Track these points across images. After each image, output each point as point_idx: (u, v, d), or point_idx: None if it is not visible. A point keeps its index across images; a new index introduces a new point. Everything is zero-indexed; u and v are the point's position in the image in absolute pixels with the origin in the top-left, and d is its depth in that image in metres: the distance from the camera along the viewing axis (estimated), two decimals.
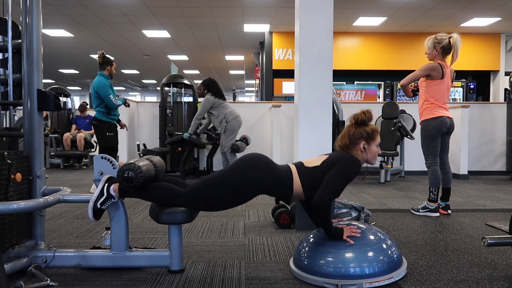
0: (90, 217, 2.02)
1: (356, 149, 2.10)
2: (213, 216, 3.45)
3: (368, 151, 2.11)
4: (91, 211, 2.01)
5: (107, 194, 2.01)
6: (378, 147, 2.15)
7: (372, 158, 2.14)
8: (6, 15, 2.19)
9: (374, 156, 2.14)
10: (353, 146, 2.11)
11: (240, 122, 5.36)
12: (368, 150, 2.11)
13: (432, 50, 3.43)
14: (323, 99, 2.99)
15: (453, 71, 3.57)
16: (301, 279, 1.98)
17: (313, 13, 2.95)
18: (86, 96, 23.67)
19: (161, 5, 7.75)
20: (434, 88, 3.40)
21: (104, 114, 4.56)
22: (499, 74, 9.98)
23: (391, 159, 5.72)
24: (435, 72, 3.37)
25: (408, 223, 3.21)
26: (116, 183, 2.03)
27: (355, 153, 2.10)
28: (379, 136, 2.15)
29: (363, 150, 2.10)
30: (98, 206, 2.01)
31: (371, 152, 2.12)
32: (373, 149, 2.12)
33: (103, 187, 2.02)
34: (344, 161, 2.03)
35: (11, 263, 1.97)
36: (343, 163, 2.02)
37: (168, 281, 1.99)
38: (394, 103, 5.90)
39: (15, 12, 2.16)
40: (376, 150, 2.13)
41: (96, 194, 2.02)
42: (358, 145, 2.10)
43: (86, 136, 7.66)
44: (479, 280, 1.98)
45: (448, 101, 3.54)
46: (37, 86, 2.13)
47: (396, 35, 9.76)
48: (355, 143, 2.10)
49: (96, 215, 2.03)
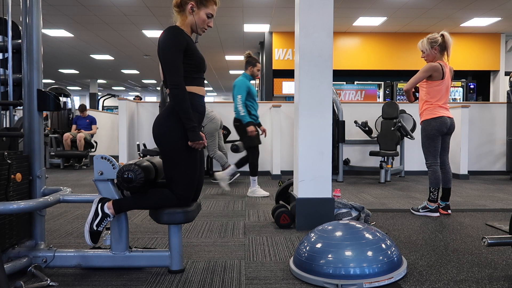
0: (87, 241, 1.99)
1: (185, 10, 2.12)
2: (213, 216, 3.45)
3: (196, 15, 2.12)
4: (88, 235, 1.99)
5: (102, 213, 2.00)
6: (209, 18, 2.15)
7: (199, 26, 2.14)
8: (6, 15, 2.19)
9: (202, 23, 2.14)
10: (184, 5, 2.12)
11: (217, 124, 5.37)
12: (196, 14, 2.12)
13: (431, 51, 3.44)
14: (323, 99, 2.99)
15: (452, 70, 3.57)
16: (301, 279, 1.98)
17: (313, 13, 2.95)
18: (86, 96, 23.68)
19: (161, 5, 7.74)
20: (436, 89, 3.40)
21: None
22: (499, 74, 9.98)
23: (391, 159, 5.72)
24: (436, 72, 3.37)
25: (408, 223, 3.21)
26: (109, 201, 2.02)
27: (184, 16, 2.12)
28: (213, 7, 2.16)
29: (191, 12, 2.11)
30: (95, 228, 1.99)
31: (199, 17, 2.12)
32: (202, 16, 2.13)
33: (97, 207, 2.01)
34: (161, 39, 2.05)
35: (11, 263, 1.97)
36: (161, 38, 2.05)
37: (168, 281, 1.99)
38: (394, 103, 5.90)
39: (15, 12, 2.16)
40: (204, 18, 2.14)
41: (90, 216, 2.01)
42: (187, 5, 2.11)
43: (86, 136, 7.67)
44: (479, 280, 1.98)
45: (449, 101, 3.54)
46: (37, 86, 2.13)
47: (396, 35, 9.76)
48: (185, 2, 2.11)
49: (93, 238, 2.01)
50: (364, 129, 6.00)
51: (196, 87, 2.11)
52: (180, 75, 2.01)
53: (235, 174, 5.46)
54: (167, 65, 2.01)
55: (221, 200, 4.24)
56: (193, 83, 2.10)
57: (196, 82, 2.12)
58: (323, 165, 2.98)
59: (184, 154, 2.04)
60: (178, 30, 2.07)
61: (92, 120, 8.00)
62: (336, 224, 2.18)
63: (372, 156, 5.91)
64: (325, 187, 2.98)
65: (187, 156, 2.04)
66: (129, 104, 6.32)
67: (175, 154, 2.03)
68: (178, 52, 2.01)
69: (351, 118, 6.18)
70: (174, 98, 2.00)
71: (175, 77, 2.00)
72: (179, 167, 2.05)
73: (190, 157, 2.05)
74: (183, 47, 2.02)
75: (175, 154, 2.03)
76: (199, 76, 2.14)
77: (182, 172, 2.05)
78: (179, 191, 2.05)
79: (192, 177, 2.08)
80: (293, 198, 3.08)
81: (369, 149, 6.11)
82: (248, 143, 4.47)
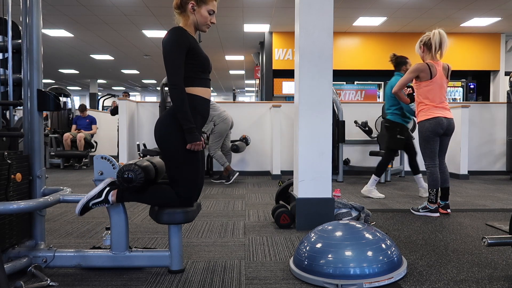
0: (76, 211, 2.04)
1: (187, 10, 2.12)
2: (213, 216, 3.45)
3: (197, 14, 2.12)
4: (80, 207, 2.04)
5: (105, 198, 2.02)
6: (211, 14, 2.15)
7: (202, 24, 2.14)
8: (6, 15, 2.19)
9: (205, 21, 2.14)
10: (185, 5, 2.12)
11: (228, 125, 5.36)
12: (197, 12, 2.12)
13: (419, 51, 3.48)
14: (323, 99, 2.99)
15: (448, 67, 3.47)
16: (301, 279, 1.98)
17: (313, 13, 2.95)
18: (86, 96, 23.69)
19: (161, 5, 7.75)
20: (425, 89, 3.38)
21: (398, 116, 4.32)
22: (499, 74, 9.98)
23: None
24: (423, 73, 3.36)
25: (408, 223, 3.21)
26: (115, 190, 2.04)
27: (186, 16, 2.13)
28: (213, 3, 2.16)
29: (192, 11, 2.12)
30: (90, 205, 2.03)
31: (200, 15, 2.12)
32: (203, 13, 2.13)
33: (103, 190, 2.03)
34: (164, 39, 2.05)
35: (11, 263, 1.97)
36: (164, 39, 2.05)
37: (168, 281, 1.99)
38: None
39: (15, 12, 2.16)
40: (206, 15, 2.14)
41: (93, 193, 2.03)
42: (187, 4, 2.11)
43: (86, 136, 7.67)
44: (479, 280, 1.98)
45: (448, 100, 3.51)
46: (37, 86, 2.13)
47: (396, 35, 9.76)
48: (186, 2, 2.12)
49: (83, 211, 2.05)
50: (364, 129, 6.00)
51: (200, 89, 2.10)
52: (179, 75, 2.01)
53: (234, 174, 5.47)
54: (167, 65, 2.01)
55: (221, 200, 4.24)
56: (198, 84, 2.09)
57: (201, 83, 2.11)
58: (323, 165, 2.98)
59: (186, 156, 2.03)
60: (180, 30, 2.08)
61: (92, 120, 8.00)
62: (336, 224, 2.18)
63: (372, 156, 5.90)
64: (325, 187, 2.98)
65: (189, 158, 2.04)
66: (129, 104, 6.32)
67: (177, 155, 2.03)
68: (179, 52, 2.01)
69: (351, 118, 6.18)
70: (172, 98, 2.01)
71: (173, 77, 2.00)
72: (181, 169, 2.05)
73: (192, 158, 2.05)
74: (185, 47, 2.02)
75: (177, 155, 2.03)
76: (204, 77, 2.13)
77: (185, 174, 2.05)
78: (182, 192, 2.05)
79: (194, 178, 2.08)
80: (293, 198, 3.08)
81: (369, 149, 6.11)
82: (392, 145, 4.40)
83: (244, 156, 6.47)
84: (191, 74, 2.06)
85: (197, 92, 2.08)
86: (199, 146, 2.03)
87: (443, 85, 3.41)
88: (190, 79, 2.06)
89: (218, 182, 5.54)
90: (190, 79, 2.06)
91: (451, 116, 3.43)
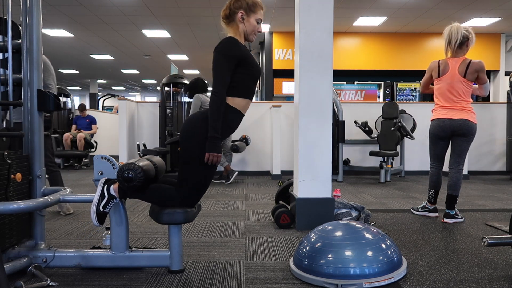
0: (94, 222, 2.03)
1: (235, 20, 2.14)
2: (213, 216, 3.45)
3: (247, 23, 2.14)
4: (94, 216, 2.02)
5: (108, 195, 2.02)
6: (259, 23, 2.17)
7: (251, 33, 2.16)
8: (6, 15, 2.19)
9: (253, 30, 2.16)
10: (233, 15, 2.14)
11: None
12: (246, 21, 2.14)
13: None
14: (323, 99, 2.99)
15: (466, 63, 3.26)
16: (301, 279, 1.98)
17: (313, 13, 2.95)
18: (86, 96, 23.68)
19: (161, 5, 7.75)
20: (435, 88, 3.37)
21: None
22: (499, 74, 9.98)
23: (391, 159, 5.72)
24: (432, 71, 3.36)
25: (408, 223, 3.21)
26: (115, 183, 2.03)
27: (234, 26, 2.14)
28: (261, 12, 2.18)
29: (241, 20, 2.13)
30: (101, 210, 2.02)
31: (249, 24, 2.14)
32: (252, 22, 2.15)
33: (103, 189, 2.03)
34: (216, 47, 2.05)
35: (11, 263, 1.97)
36: (216, 50, 2.05)
37: (168, 281, 1.99)
38: (394, 103, 5.90)
39: (15, 12, 2.16)
40: (255, 24, 2.16)
41: (96, 198, 2.02)
42: (236, 14, 2.13)
43: (86, 136, 7.67)
44: (479, 280, 1.98)
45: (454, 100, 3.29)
46: (37, 86, 2.13)
47: (396, 35, 9.76)
48: (234, 12, 2.13)
49: (100, 219, 2.03)
50: (364, 129, 6.00)
51: (241, 100, 2.08)
52: (223, 85, 2.00)
53: (233, 173, 5.47)
54: (215, 72, 2.02)
55: (221, 200, 4.24)
56: (242, 94, 2.08)
57: (246, 93, 2.10)
58: (323, 165, 2.98)
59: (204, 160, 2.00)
60: (234, 40, 2.08)
61: (92, 120, 8.00)
62: (336, 224, 2.18)
63: (372, 156, 5.90)
64: (325, 187, 2.98)
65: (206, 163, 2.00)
66: (129, 104, 6.32)
67: (195, 157, 2.00)
68: (227, 61, 2.01)
69: (351, 118, 6.17)
70: (210, 105, 1.99)
71: (217, 86, 1.99)
72: (195, 172, 2.02)
73: (209, 164, 2.01)
74: (236, 58, 2.02)
75: (195, 157, 2.00)
76: (251, 86, 2.13)
77: (197, 177, 2.03)
78: (188, 194, 2.03)
79: (204, 184, 2.07)
80: (293, 198, 3.08)
81: (369, 149, 6.10)
82: None
83: (244, 156, 6.47)
84: (240, 84, 2.06)
85: (236, 105, 2.07)
86: (216, 158, 1.98)
87: (454, 84, 3.26)
88: (237, 88, 2.05)
89: (218, 182, 5.54)
90: (237, 88, 2.05)
91: (459, 117, 3.25)
